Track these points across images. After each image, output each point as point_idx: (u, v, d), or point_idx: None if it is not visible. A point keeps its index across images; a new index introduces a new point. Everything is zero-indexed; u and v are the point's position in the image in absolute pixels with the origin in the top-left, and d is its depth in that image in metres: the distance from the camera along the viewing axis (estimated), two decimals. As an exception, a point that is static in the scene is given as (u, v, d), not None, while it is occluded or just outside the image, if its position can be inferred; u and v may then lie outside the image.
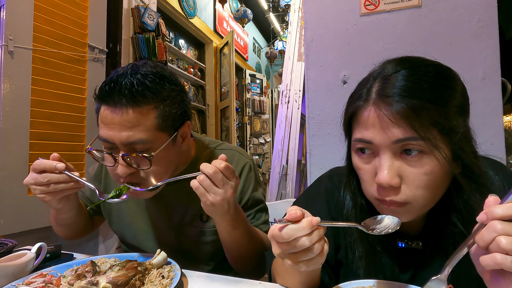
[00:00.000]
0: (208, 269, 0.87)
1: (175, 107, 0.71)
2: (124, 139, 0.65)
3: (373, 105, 0.49)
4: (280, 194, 2.32)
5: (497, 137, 1.01)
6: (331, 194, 0.67)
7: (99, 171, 0.93)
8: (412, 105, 0.45)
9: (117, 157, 0.66)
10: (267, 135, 5.52)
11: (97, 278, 0.58)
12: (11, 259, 0.66)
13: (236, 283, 0.66)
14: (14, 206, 1.40)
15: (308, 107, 1.25)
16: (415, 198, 0.48)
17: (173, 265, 0.67)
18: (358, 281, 0.56)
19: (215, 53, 4.20)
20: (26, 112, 1.46)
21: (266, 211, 0.92)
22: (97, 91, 0.68)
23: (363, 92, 0.52)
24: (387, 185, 0.47)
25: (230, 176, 0.64)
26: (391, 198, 0.48)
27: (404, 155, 0.48)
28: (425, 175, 0.47)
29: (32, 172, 0.68)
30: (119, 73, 0.66)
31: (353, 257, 0.59)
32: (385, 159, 0.48)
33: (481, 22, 1.04)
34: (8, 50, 1.39)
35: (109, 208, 0.92)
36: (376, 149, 0.49)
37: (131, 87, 0.64)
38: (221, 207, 0.65)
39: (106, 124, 0.66)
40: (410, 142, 0.46)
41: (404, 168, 0.48)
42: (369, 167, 0.51)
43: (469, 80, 1.05)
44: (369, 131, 0.49)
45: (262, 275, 0.89)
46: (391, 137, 0.47)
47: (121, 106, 0.64)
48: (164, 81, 0.69)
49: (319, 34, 1.25)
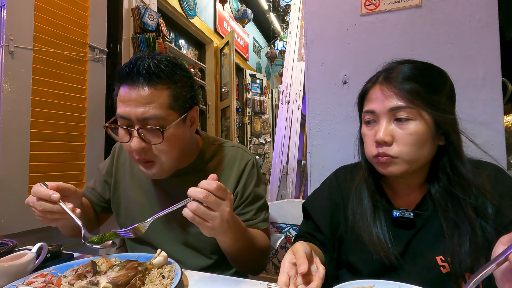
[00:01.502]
0: (210, 262, 0.88)
1: (185, 90, 0.78)
2: (140, 114, 0.71)
3: (378, 85, 0.67)
4: (281, 194, 2.32)
5: (497, 137, 1.01)
6: (335, 182, 0.82)
7: (110, 167, 0.97)
8: (407, 84, 0.63)
9: (132, 131, 0.72)
10: (267, 135, 5.52)
11: (98, 278, 0.58)
12: (11, 259, 0.66)
13: (237, 283, 0.66)
14: (14, 206, 1.40)
15: (309, 107, 1.25)
16: (402, 153, 0.63)
17: (173, 265, 0.67)
18: (358, 281, 0.56)
19: (215, 53, 4.20)
20: (26, 112, 1.46)
21: (266, 209, 0.93)
22: (117, 75, 0.76)
23: (372, 79, 0.71)
24: (382, 141, 0.64)
25: (223, 195, 0.64)
26: (384, 151, 0.64)
27: (396, 121, 0.64)
28: (410, 135, 0.63)
29: (31, 196, 0.71)
30: (137, 57, 0.74)
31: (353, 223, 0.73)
32: (382, 123, 0.65)
33: (482, 22, 1.04)
34: (9, 50, 1.39)
35: (118, 201, 0.94)
36: (377, 118, 0.66)
37: (148, 68, 0.72)
38: (221, 228, 0.65)
39: (124, 102, 0.73)
40: (400, 109, 0.63)
41: (395, 130, 0.64)
42: (371, 133, 0.68)
43: (469, 80, 1.05)
44: (373, 103, 0.67)
45: (261, 271, 0.93)
46: (387, 106, 0.64)
47: (138, 84, 0.72)
48: (176, 67, 0.77)
49: (319, 34, 1.25)
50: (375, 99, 0.66)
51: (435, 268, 0.63)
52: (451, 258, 0.62)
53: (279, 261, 1.23)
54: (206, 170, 0.89)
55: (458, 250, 0.61)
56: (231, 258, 0.82)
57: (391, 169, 0.65)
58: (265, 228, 0.90)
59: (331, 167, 1.19)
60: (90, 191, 0.98)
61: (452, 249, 0.62)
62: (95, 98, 1.82)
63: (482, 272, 0.41)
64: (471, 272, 0.60)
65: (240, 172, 0.89)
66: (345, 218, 0.77)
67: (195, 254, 0.88)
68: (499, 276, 0.42)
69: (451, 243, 0.63)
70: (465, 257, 0.60)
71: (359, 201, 0.74)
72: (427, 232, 0.67)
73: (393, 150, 0.63)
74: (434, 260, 0.64)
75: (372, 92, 0.68)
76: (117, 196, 0.94)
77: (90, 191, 0.98)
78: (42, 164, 1.53)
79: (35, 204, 0.70)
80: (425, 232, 0.67)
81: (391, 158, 0.64)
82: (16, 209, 1.41)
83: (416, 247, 0.67)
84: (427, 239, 0.67)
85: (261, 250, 0.84)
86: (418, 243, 0.67)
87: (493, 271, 0.41)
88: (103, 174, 0.98)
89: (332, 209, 0.79)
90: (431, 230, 0.67)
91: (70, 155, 1.68)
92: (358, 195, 0.75)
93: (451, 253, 0.62)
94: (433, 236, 0.66)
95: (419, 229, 0.68)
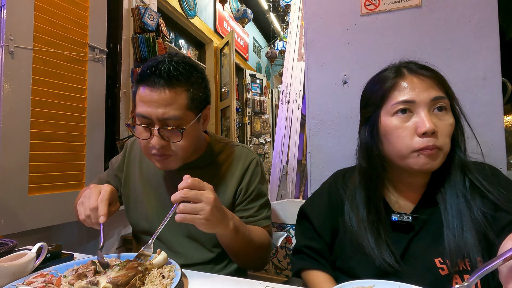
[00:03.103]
0: (212, 256, 0.90)
1: (200, 91, 0.83)
2: (160, 114, 0.76)
3: (410, 76, 0.65)
4: (281, 194, 2.32)
5: (497, 137, 1.01)
6: (334, 187, 0.80)
7: (122, 162, 1.01)
8: (437, 75, 0.65)
9: (153, 129, 0.77)
10: (267, 135, 5.52)
11: (98, 278, 0.58)
12: (11, 259, 0.66)
13: (237, 283, 0.66)
14: (14, 206, 1.40)
15: (308, 107, 1.25)
16: (445, 144, 0.63)
17: (173, 265, 0.68)
18: (359, 281, 0.56)
19: (215, 53, 4.20)
20: (26, 112, 1.46)
21: (269, 207, 0.96)
22: (138, 76, 0.80)
23: (389, 74, 0.68)
24: (431, 132, 0.61)
25: (200, 186, 0.69)
26: (433, 143, 0.61)
27: (436, 111, 0.63)
28: (450, 126, 0.63)
29: (83, 198, 0.77)
30: (158, 60, 0.78)
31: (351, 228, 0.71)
32: (426, 113, 0.62)
33: (482, 22, 1.04)
34: (9, 50, 1.39)
35: (128, 196, 0.98)
36: (416, 108, 0.64)
37: (168, 71, 0.76)
38: (214, 217, 0.69)
39: (145, 102, 0.77)
40: (441, 100, 0.63)
41: (436, 121, 0.62)
42: (408, 124, 0.64)
43: (469, 80, 1.05)
44: (410, 93, 0.64)
45: (263, 267, 0.96)
46: (430, 96, 0.63)
47: (159, 86, 0.76)
48: (192, 69, 0.82)
49: (319, 34, 1.25)
50: (412, 90, 0.64)
51: (433, 270, 0.63)
52: (450, 258, 0.62)
53: (279, 261, 1.23)
54: (212, 165, 0.93)
55: (458, 249, 0.61)
56: (231, 254, 0.85)
57: (435, 163, 0.63)
58: (267, 226, 0.93)
59: (331, 167, 1.19)
60: (105, 184, 1.00)
61: (451, 249, 0.62)
62: (95, 98, 1.82)
63: (487, 266, 0.41)
64: (468, 273, 0.60)
65: (244, 169, 0.92)
66: (344, 223, 0.75)
67: (198, 246, 0.90)
68: (504, 272, 0.41)
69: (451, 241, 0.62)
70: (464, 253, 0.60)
71: (356, 207, 0.72)
72: (425, 235, 0.67)
73: (440, 142, 0.61)
74: (433, 262, 0.63)
75: (408, 82, 0.65)
76: (127, 190, 0.98)
77: (105, 184, 1.00)
78: (42, 164, 1.53)
79: (80, 209, 0.75)
80: (423, 235, 0.67)
81: (438, 150, 0.62)
82: (16, 209, 1.41)
83: (415, 250, 0.66)
84: (425, 242, 0.66)
85: (261, 245, 0.86)
86: (416, 246, 0.67)
87: (498, 266, 0.41)
88: (114, 169, 1.01)
89: (332, 214, 0.77)
90: (429, 233, 0.67)
91: (70, 155, 1.68)
92: (354, 201, 0.73)
93: (451, 253, 0.62)
94: (431, 239, 0.66)
95: (417, 232, 0.68)
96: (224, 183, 0.91)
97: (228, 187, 0.91)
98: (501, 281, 0.42)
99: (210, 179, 0.91)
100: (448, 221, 0.64)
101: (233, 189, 0.90)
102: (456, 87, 0.69)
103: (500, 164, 0.99)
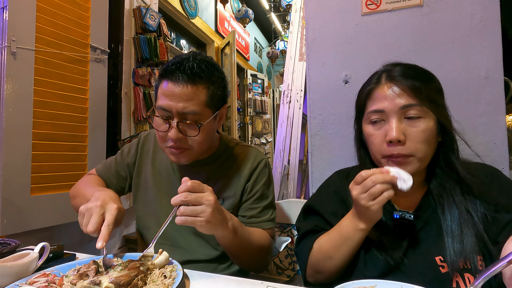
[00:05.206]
0: (217, 254, 0.91)
1: (220, 90, 0.86)
2: (180, 108, 0.79)
3: (384, 84, 0.67)
4: (282, 194, 2.32)
5: (499, 137, 1.00)
6: (340, 184, 0.81)
7: (135, 153, 1.02)
8: (411, 83, 0.65)
9: (171, 122, 0.80)
10: (268, 135, 5.51)
11: (100, 278, 0.58)
12: (14, 259, 0.66)
13: (238, 283, 0.66)
14: (17, 206, 1.40)
15: (310, 107, 1.25)
16: (416, 151, 0.63)
17: (175, 265, 0.68)
18: (360, 281, 0.56)
19: (216, 53, 4.20)
20: (28, 113, 1.47)
21: (273, 210, 0.95)
22: (162, 70, 0.83)
23: (373, 79, 0.70)
24: (395, 140, 0.63)
25: (200, 189, 0.70)
26: (398, 151, 0.63)
27: (406, 119, 0.64)
28: (422, 132, 0.63)
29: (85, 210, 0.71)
30: (183, 57, 0.82)
31: None
32: (394, 122, 0.64)
33: (484, 21, 1.04)
34: (11, 51, 1.39)
35: (138, 187, 1.00)
36: (386, 117, 0.66)
37: (192, 68, 0.79)
38: (215, 219, 0.69)
39: (167, 96, 0.80)
40: (411, 107, 0.64)
41: (407, 129, 0.64)
42: (380, 132, 0.67)
43: (471, 79, 1.05)
44: (382, 102, 0.66)
45: (263, 269, 0.95)
46: (398, 104, 0.64)
47: (182, 82, 0.79)
48: (214, 68, 0.85)
49: (320, 34, 1.24)
50: (384, 98, 0.66)
51: (434, 268, 0.63)
52: (450, 257, 0.62)
53: (281, 261, 1.23)
54: (223, 163, 0.95)
55: (457, 248, 0.61)
56: (231, 255, 0.85)
57: (406, 168, 0.63)
58: (269, 229, 0.92)
59: (332, 166, 1.19)
60: (114, 173, 1.01)
61: (451, 253, 0.62)
62: (97, 98, 1.82)
63: (492, 269, 0.41)
64: (469, 271, 0.61)
65: (252, 169, 0.93)
66: None
67: (204, 243, 0.91)
68: (508, 274, 0.42)
69: (450, 246, 0.63)
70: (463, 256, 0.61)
71: None
72: (427, 233, 0.68)
73: (406, 149, 0.63)
74: (434, 260, 0.64)
75: (380, 91, 0.67)
76: (137, 181, 1.00)
77: (113, 173, 1.01)
78: (44, 164, 1.54)
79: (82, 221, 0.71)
80: (425, 233, 0.68)
81: (405, 158, 0.64)
82: (18, 209, 1.41)
83: (416, 248, 0.67)
84: (426, 240, 0.67)
85: (260, 247, 0.86)
86: (418, 244, 0.67)
87: (503, 269, 0.41)
88: (126, 157, 1.02)
89: (341, 204, 0.77)
90: (431, 231, 0.67)
91: (72, 155, 1.68)
92: None
93: (451, 256, 0.62)
94: (432, 237, 0.67)
95: (419, 230, 0.68)
96: (233, 181, 0.92)
97: (236, 185, 0.92)
98: (505, 282, 0.42)
99: (219, 176, 0.93)
100: (446, 226, 0.65)
101: (241, 186, 0.92)
102: (458, 87, 0.69)
103: (502, 163, 0.99)
